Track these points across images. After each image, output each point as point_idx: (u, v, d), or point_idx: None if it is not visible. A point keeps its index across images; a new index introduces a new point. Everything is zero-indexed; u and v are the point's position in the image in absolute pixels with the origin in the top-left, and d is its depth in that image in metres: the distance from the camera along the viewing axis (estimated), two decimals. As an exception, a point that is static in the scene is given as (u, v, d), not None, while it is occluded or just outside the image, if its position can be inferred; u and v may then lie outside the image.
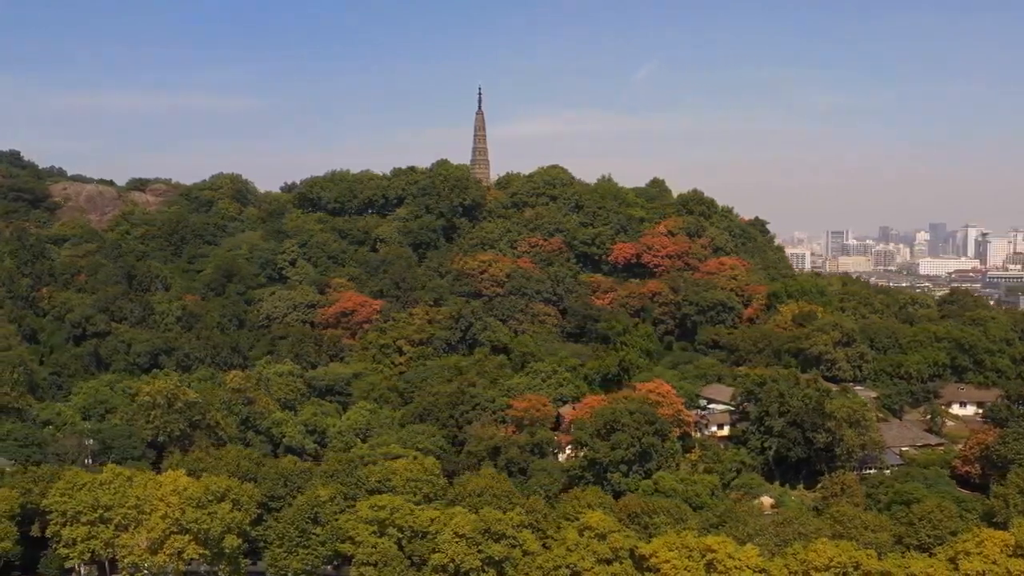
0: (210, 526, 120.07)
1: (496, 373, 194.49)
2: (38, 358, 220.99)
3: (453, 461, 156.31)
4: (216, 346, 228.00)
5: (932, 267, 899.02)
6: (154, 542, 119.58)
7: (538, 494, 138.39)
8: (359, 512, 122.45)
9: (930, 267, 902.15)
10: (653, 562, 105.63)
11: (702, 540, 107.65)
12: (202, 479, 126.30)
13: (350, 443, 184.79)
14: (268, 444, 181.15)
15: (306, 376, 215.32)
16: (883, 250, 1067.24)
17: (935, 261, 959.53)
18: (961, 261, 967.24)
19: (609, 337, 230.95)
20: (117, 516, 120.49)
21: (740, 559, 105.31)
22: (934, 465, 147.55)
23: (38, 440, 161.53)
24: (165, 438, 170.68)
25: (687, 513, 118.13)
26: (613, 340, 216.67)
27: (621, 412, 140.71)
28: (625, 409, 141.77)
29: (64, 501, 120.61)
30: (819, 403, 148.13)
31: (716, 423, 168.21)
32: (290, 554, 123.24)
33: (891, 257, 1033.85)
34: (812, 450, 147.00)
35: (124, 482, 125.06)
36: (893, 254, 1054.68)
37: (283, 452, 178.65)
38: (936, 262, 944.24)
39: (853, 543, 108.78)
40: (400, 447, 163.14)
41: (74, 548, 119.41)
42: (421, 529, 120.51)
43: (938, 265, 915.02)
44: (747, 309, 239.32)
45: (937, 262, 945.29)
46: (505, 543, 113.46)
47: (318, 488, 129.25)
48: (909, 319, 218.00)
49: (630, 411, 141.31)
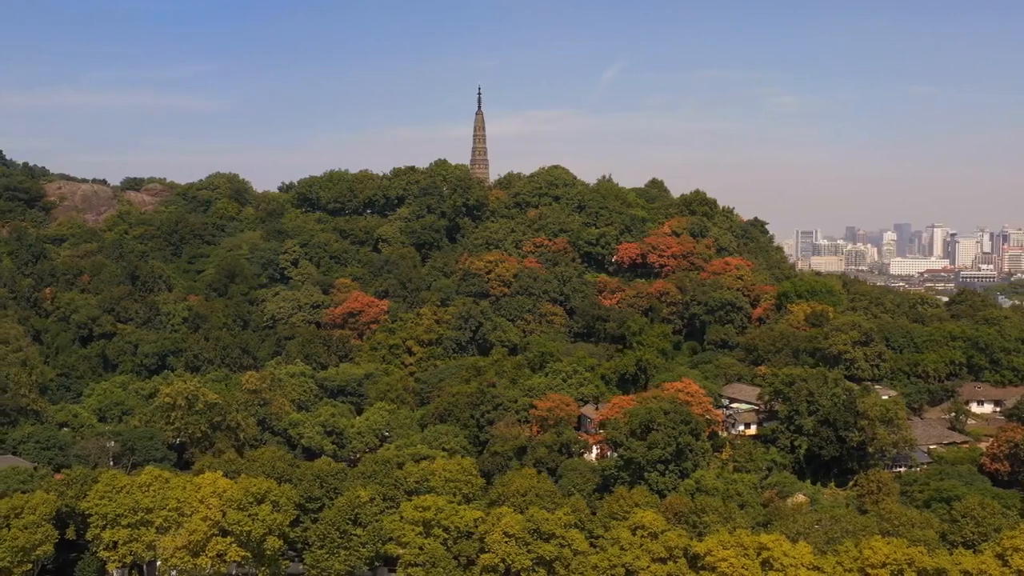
0: (252, 528, 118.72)
1: (515, 373, 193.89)
2: (43, 359, 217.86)
3: (484, 461, 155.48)
4: (226, 347, 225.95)
5: (903, 267, 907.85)
6: (196, 544, 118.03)
7: (573, 494, 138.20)
8: (403, 513, 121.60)
9: (901, 267, 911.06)
10: (708, 560, 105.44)
11: (756, 538, 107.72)
12: (241, 481, 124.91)
13: (371, 443, 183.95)
14: (285, 445, 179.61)
15: (317, 377, 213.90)
16: (854, 250, 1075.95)
17: (905, 261, 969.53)
18: (931, 261, 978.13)
19: (619, 337, 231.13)
20: (158, 519, 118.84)
21: (794, 557, 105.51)
22: (961, 463, 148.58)
23: (59, 443, 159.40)
24: (186, 440, 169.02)
25: (734, 512, 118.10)
26: (629, 340, 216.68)
27: (656, 412, 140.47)
28: (660, 408, 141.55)
29: (104, 504, 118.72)
30: (851, 402, 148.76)
31: (743, 422, 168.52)
32: (332, 555, 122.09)
33: (862, 257, 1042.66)
34: (844, 449, 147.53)
35: (163, 484, 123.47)
36: (864, 254, 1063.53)
37: (300, 453, 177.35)
38: (906, 262, 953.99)
39: (904, 540, 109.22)
40: (427, 448, 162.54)
41: (115, 551, 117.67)
42: (466, 529, 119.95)
43: (909, 265, 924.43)
44: (756, 309, 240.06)
45: (907, 262, 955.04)
46: (554, 543, 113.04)
47: (357, 489, 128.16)
48: (919, 319, 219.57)
49: (664, 411, 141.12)
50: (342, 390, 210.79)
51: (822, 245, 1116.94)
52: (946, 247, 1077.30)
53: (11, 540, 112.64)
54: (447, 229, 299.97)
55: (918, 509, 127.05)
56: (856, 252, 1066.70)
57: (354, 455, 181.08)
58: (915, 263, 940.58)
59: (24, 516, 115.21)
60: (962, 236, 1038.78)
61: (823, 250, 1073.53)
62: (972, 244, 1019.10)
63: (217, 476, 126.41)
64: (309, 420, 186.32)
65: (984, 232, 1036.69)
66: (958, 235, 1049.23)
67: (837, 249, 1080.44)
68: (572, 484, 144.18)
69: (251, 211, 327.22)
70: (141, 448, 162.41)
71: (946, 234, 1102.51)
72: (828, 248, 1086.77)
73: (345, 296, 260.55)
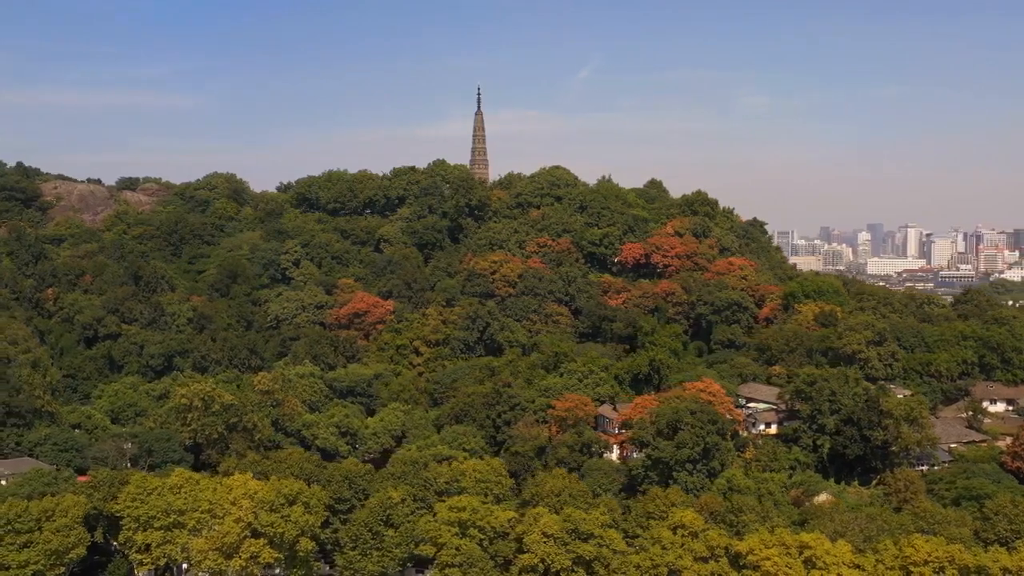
0: (284, 529, 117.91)
1: (529, 373, 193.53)
2: (49, 360, 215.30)
3: (505, 461, 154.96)
4: (233, 348, 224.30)
5: (880, 267, 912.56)
6: (229, 546, 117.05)
7: (600, 494, 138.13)
8: (439, 514, 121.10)
9: (878, 267, 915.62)
10: (751, 559, 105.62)
11: (798, 537, 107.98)
12: (272, 482, 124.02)
13: (386, 444, 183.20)
14: (298, 445, 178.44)
15: (326, 378, 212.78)
16: (831, 250, 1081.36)
17: (882, 261, 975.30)
18: (908, 261, 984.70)
19: (626, 337, 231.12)
20: (191, 521, 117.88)
21: (835, 555, 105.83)
22: (982, 461, 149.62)
23: (76, 444, 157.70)
24: (203, 441, 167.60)
25: (770, 510, 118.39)
26: (641, 340, 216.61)
27: (683, 411, 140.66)
28: (686, 408, 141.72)
29: (136, 506, 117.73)
30: (874, 401, 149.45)
31: (763, 422, 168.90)
32: (364, 556, 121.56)
33: (839, 257, 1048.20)
34: (868, 448, 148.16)
35: (193, 486, 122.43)
36: (841, 254, 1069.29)
37: (314, 454, 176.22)
38: (883, 262, 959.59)
39: (942, 538, 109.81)
40: (448, 448, 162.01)
41: (147, 554, 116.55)
42: (502, 529, 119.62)
43: (886, 264, 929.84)
44: (762, 309, 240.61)
45: (884, 262, 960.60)
46: (593, 543, 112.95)
47: (388, 490, 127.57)
48: (927, 318, 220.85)
49: (691, 410, 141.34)
50: (351, 391, 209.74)
51: (800, 245, 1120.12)
52: (921, 247, 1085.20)
53: (44, 543, 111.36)
54: (449, 229, 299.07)
55: (946, 507, 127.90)
56: (834, 252, 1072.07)
57: (368, 456, 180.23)
58: (892, 263, 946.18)
59: (56, 519, 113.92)
60: (937, 236, 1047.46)
61: (801, 250, 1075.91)
62: (947, 244, 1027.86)
63: (247, 478, 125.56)
64: (323, 421, 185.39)
65: (958, 232, 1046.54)
66: (934, 235, 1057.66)
67: (815, 249, 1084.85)
68: (597, 484, 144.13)
69: (250, 211, 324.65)
70: (159, 450, 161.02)
71: (920, 234, 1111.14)
72: (806, 248, 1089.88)
73: (349, 296, 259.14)
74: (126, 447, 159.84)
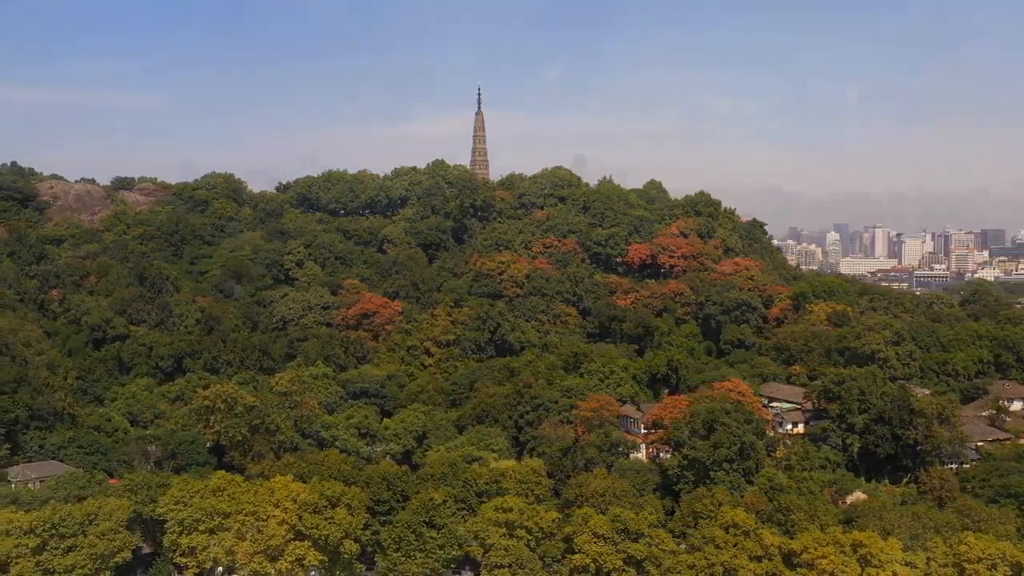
0: (329, 531, 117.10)
1: (549, 374, 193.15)
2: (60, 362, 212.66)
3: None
4: (244, 349, 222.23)
5: (852, 266, 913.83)
6: (274, 549, 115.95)
7: (637, 494, 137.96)
8: (484, 514, 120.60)
9: (850, 266, 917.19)
10: (805, 558, 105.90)
11: (851, 535, 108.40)
12: (313, 484, 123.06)
13: (408, 445, 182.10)
14: (316, 447, 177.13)
15: (338, 379, 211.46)
16: (804, 250, 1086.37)
17: (854, 260, 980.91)
18: (880, 261, 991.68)
19: (636, 337, 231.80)
20: (235, 524, 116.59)
21: (888, 554, 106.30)
22: (1009, 459, 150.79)
23: (101, 447, 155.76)
24: (227, 443, 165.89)
25: (818, 509, 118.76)
26: (657, 340, 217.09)
27: (719, 411, 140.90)
28: (722, 408, 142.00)
29: (180, 509, 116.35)
30: (905, 400, 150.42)
31: (789, 421, 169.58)
32: (408, 558, 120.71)
33: (812, 257, 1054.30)
34: (900, 446, 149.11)
35: (236, 488, 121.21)
36: (813, 254, 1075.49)
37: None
38: (855, 261, 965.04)
39: (990, 535, 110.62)
40: (475, 449, 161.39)
41: (192, 557, 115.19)
42: (548, 530, 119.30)
43: (858, 264, 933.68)
44: (771, 309, 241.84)
45: (856, 261, 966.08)
46: (643, 542, 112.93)
47: (430, 491, 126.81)
48: (936, 318, 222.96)
49: (726, 410, 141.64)
50: (365, 392, 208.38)
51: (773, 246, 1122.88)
52: (891, 247, 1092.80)
53: (89, 547, 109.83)
54: (453, 230, 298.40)
55: (988, 506, 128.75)
56: (806, 252, 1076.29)
57: (390, 457, 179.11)
58: (864, 263, 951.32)
59: (100, 523, 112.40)
60: (908, 236, 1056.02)
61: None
62: (918, 244, 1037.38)
63: (288, 480, 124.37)
64: (342, 422, 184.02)
65: (927, 232, 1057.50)
66: (904, 235, 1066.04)
67: (788, 249, 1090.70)
68: (632, 484, 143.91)
69: (249, 211, 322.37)
70: (183, 452, 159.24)
71: (888, 235, 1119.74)
72: (781, 248, 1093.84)
73: (355, 297, 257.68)
74: (150, 449, 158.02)
